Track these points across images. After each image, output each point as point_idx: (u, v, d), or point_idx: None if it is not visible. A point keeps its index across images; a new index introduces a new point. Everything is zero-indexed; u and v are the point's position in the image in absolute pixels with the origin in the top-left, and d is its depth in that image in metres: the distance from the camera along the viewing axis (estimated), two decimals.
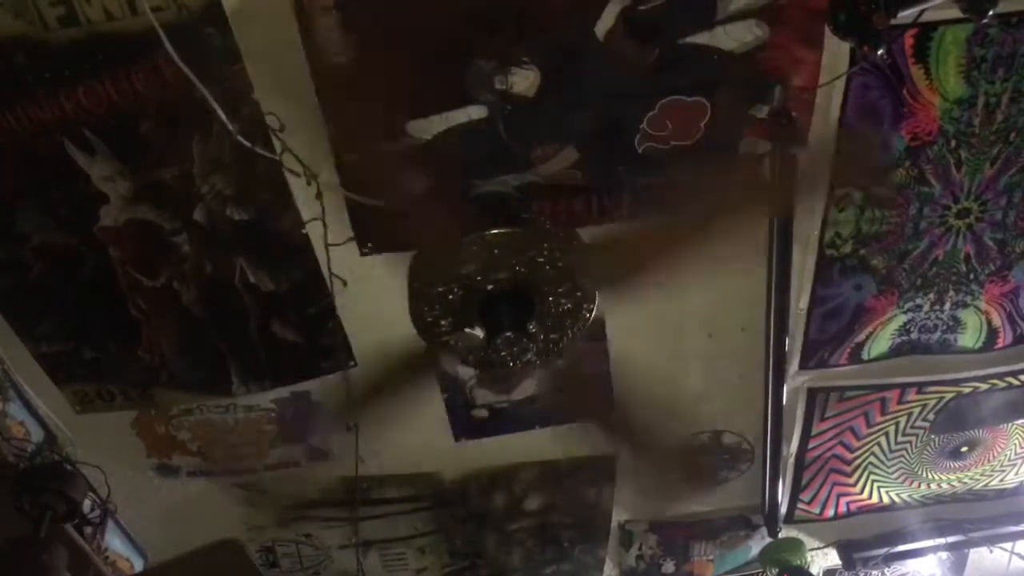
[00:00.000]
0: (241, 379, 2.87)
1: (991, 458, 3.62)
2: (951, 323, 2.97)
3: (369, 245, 2.53)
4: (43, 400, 2.85)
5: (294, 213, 2.44)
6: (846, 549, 3.96)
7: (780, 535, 3.65)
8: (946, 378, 3.19)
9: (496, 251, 2.38)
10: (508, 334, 2.42)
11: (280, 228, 2.48)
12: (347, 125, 2.27)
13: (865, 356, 3.05)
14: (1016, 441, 3.57)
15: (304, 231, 2.48)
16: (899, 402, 3.28)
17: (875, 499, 3.73)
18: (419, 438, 3.17)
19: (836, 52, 2.25)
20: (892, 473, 3.60)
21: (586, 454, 3.36)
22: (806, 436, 3.37)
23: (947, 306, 2.91)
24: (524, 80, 2.23)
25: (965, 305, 2.92)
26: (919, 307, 2.90)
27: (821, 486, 3.61)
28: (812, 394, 3.20)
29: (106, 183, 2.34)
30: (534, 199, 2.46)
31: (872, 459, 3.52)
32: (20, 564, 2.64)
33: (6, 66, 2.06)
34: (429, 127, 2.29)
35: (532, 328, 2.51)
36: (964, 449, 3.55)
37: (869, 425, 3.36)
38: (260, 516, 3.46)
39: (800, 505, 3.69)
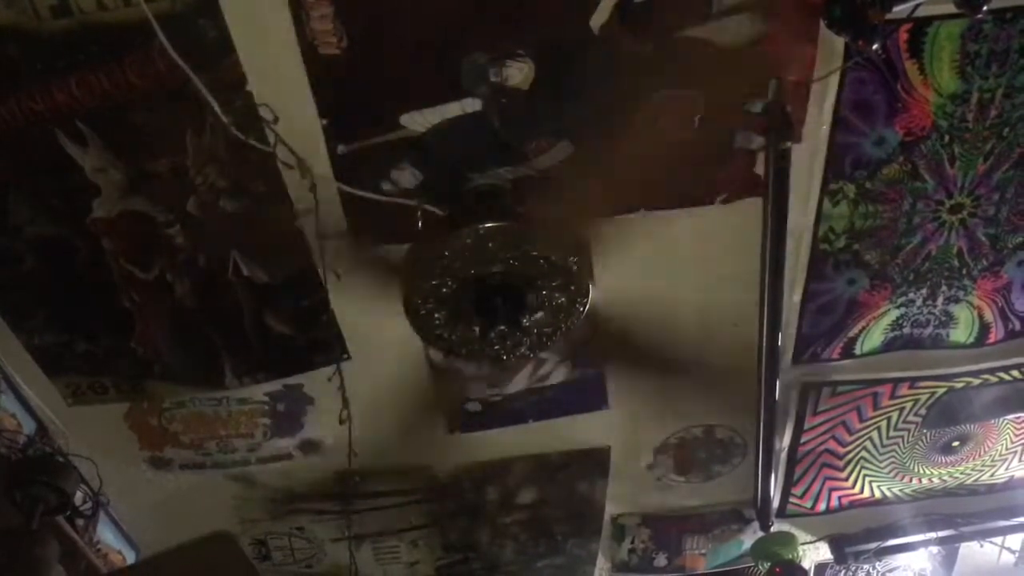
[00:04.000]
0: (234, 372, 2.86)
1: (982, 453, 3.63)
2: (943, 318, 2.98)
3: (363, 238, 2.53)
4: (35, 392, 2.84)
5: (288, 205, 2.43)
6: (838, 543, 3.98)
7: (772, 529, 3.66)
8: (938, 373, 3.20)
9: (490, 245, 2.38)
10: (502, 327, 2.43)
11: (274, 220, 2.47)
12: (341, 117, 2.27)
13: (858, 351, 3.06)
14: (1007, 436, 3.58)
15: (298, 223, 2.48)
16: (891, 397, 3.29)
17: (867, 494, 3.75)
18: (413, 431, 3.17)
19: (831, 47, 2.25)
20: (884, 468, 3.62)
21: (579, 448, 3.37)
22: (798, 431, 3.38)
23: (939, 301, 2.92)
24: (519, 73, 2.22)
25: (957, 300, 2.92)
26: (912, 302, 2.91)
27: (813, 480, 3.62)
28: (805, 389, 3.21)
29: (99, 174, 2.33)
30: (529, 193, 2.46)
31: (864, 454, 3.53)
32: (11, 556, 2.63)
33: None
34: (423, 120, 2.29)
35: (526, 322, 2.51)
36: (955, 444, 3.56)
37: (861, 420, 3.37)
38: (253, 509, 3.46)
39: (792, 499, 3.70)
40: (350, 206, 2.44)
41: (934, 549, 4.11)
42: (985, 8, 1.78)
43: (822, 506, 3.77)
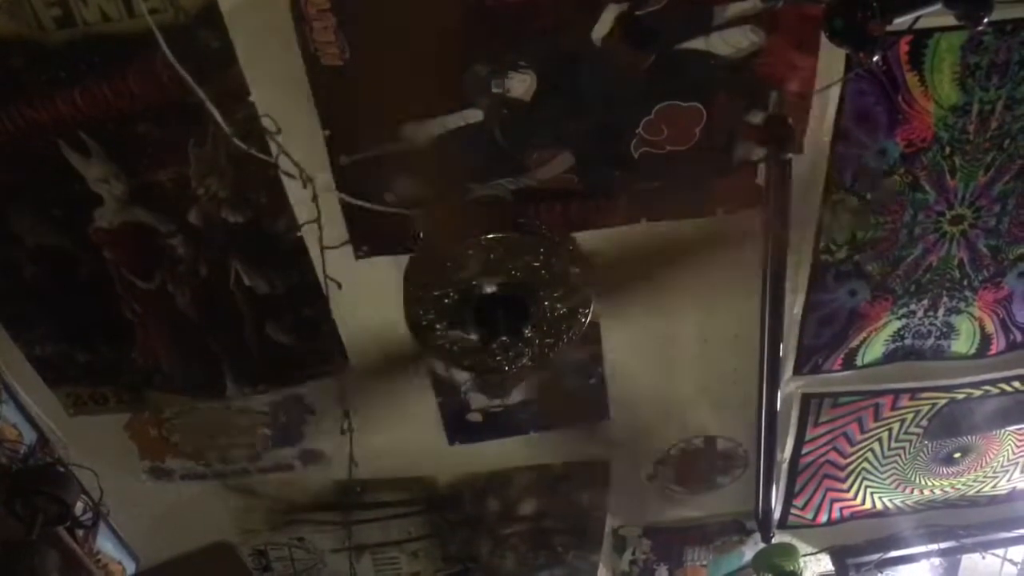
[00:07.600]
0: (235, 382, 2.86)
1: (984, 464, 3.63)
2: (945, 329, 2.98)
3: (365, 248, 2.53)
4: (36, 402, 2.84)
5: (289, 216, 2.44)
6: (839, 555, 3.97)
7: (773, 540, 3.65)
8: (939, 384, 3.20)
9: (492, 255, 2.38)
10: (504, 338, 2.43)
11: (275, 231, 2.48)
12: (343, 128, 2.28)
13: (859, 362, 3.05)
14: (1008, 448, 3.58)
15: (299, 234, 2.48)
16: (892, 408, 3.29)
17: (868, 505, 3.74)
18: (413, 442, 3.17)
19: (832, 58, 2.26)
20: (885, 479, 3.61)
21: (580, 459, 3.36)
22: (800, 442, 3.37)
23: (941, 312, 2.92)
24: (521, 84, 2.23)
25: (959, 311, 2.92)
26: (913, 313, 2.91)
27: (815, 492, 3.62)
28: (806, 400, 3.21)
29: (101, 185, 2.34)
30: (530, 203, 2.46)
31: (866, 465, 3.52)
32: (11, 567, 2.63)
33: (2, 67, 2.06)
34: (426, 131, 2.29)
35: (528, 332, 2.51)
36: (957, 455, 3.55)
37: (863, 431, 3.37)
38: (253, 519, 3.45)
39: (793, 510, 3.69)
40: (352, 216, 2.45)
41: (936, 561, 4.09)
42: (985, 20, 1.79)
43: (823, 517, 3.76)
